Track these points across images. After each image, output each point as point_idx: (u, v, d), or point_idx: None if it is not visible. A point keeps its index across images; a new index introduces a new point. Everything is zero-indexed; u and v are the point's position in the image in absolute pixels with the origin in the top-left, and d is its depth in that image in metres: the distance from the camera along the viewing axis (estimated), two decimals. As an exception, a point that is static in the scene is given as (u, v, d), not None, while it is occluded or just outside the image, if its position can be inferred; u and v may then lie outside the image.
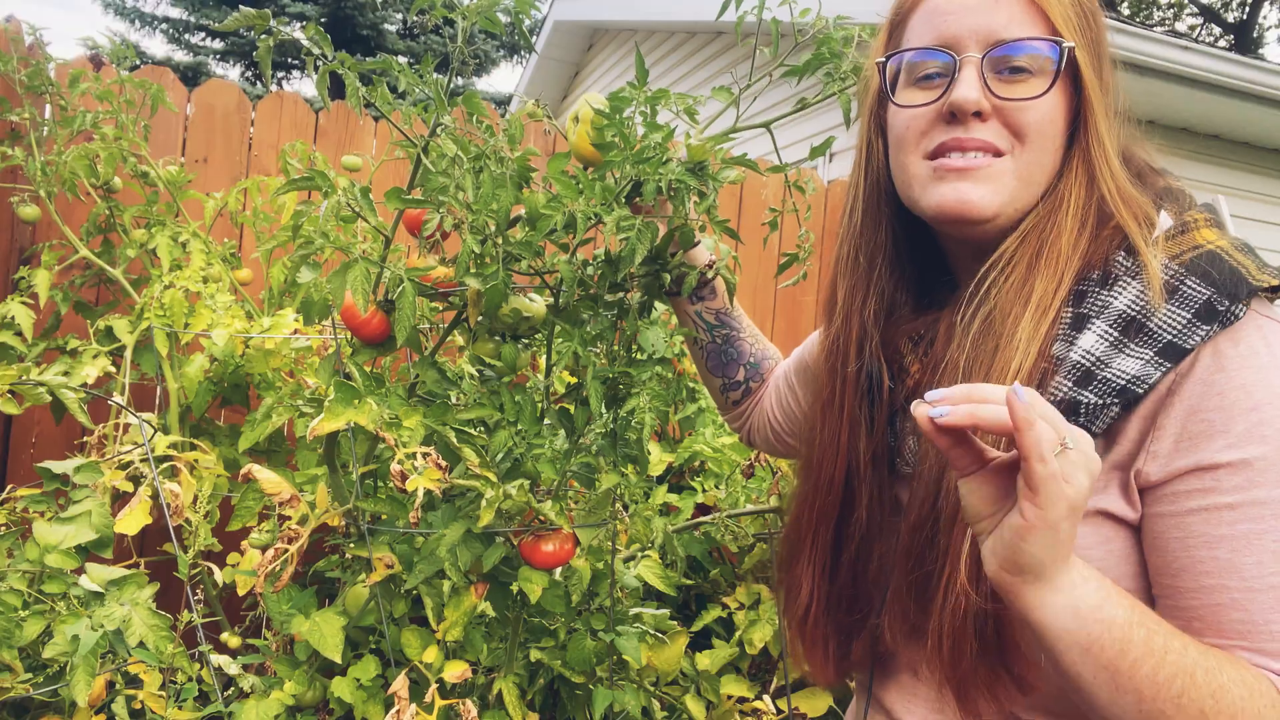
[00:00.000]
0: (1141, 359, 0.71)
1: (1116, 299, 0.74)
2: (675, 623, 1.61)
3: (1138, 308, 0.73)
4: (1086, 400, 0.72)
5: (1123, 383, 0.71)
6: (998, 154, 0.79)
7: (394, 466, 0.95)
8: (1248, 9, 14.87)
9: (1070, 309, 0.76)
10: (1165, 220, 0.78)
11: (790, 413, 1.13)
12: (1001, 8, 0.78)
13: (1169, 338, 0.71)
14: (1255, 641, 0.67)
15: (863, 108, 0.91)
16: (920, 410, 0.62)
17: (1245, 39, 14.79)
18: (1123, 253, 0.76)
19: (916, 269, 0.90)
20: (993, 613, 0.75)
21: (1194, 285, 0.71)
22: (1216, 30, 15.33)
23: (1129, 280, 0.74)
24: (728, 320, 1.17)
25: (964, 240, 0.85)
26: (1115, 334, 0.73)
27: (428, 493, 0.99)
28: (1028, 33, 0.77)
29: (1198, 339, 0.70)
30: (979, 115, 0.79)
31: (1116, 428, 0.73)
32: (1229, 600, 0.68)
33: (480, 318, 0.97)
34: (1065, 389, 0.73)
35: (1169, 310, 0.71)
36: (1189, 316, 0.71)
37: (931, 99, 0.81)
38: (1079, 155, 0.80)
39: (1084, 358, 0.73)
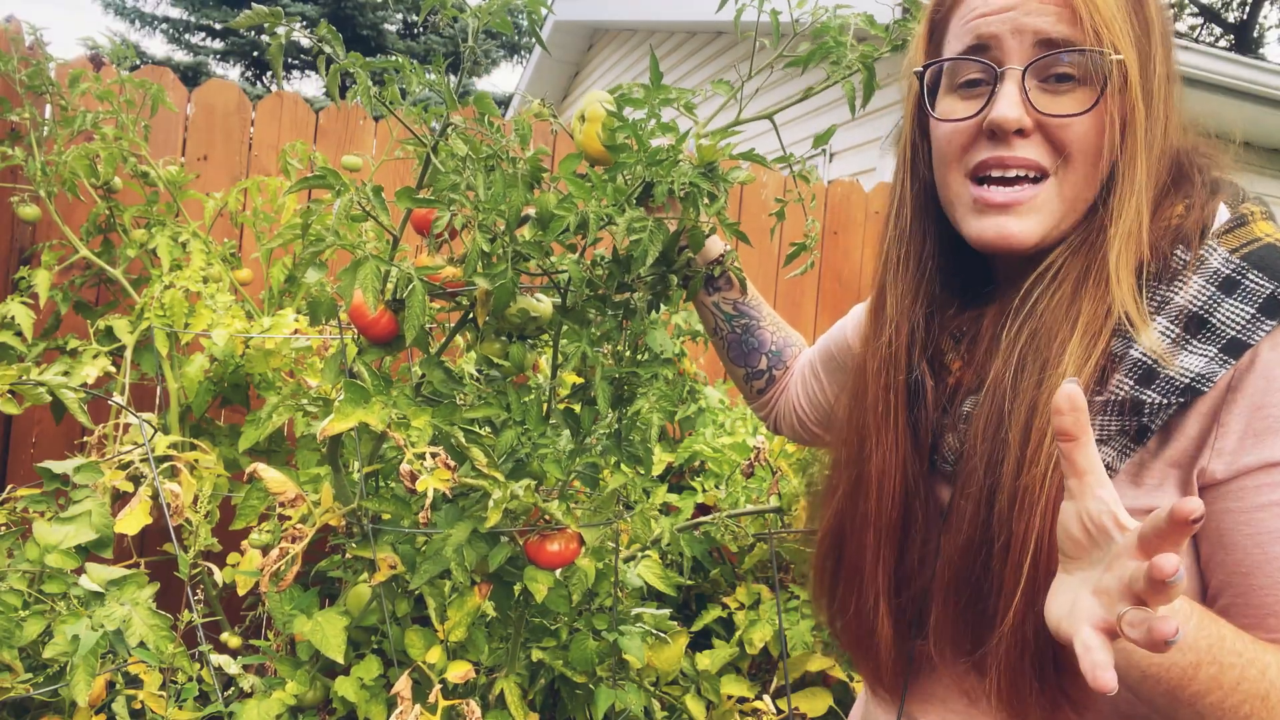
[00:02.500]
0: (1206, 356, 0.69)
1: (1177, 294, 0.72)
2: (675, 623, 1.61)
3: (1200, 303, 0.71)
4: (1150, 399, 0.70)
5: (1187, 380, 0.69)
6: (1041, 173, 0.77)
7: (403, 467, 0.94)
8: (1248, 9, 14.87)
9: None
10: (1223, 212, 0.76)
11: (816, 402, 1.12)
12: (1046, 8, 0.74)
13: (1233, 334, 0.69)
14: None
15: (905, 109, 0.89)
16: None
17: (1245, 39, 14.79)
18: (1181, 247, 0.74)
19: (963, 268, 0.88)
20: (1052, 644, 0.73)
21: (1257, 279, 0.69)
22: (1216, 30, 15.32)
23: (1189, 275, 0.72)
24: (746, 310, 1.16)
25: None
26: (1177, 330, 0.71)
27: (423, 491, 0.98)
28: (1071, 36, 0.74)
29: (1262, 334, 0.68)
30: (1021, 132, 0.76)
31: (1173, 423, 0.71)
32: None
33: (487, 318, 0.97)
34: (1127, 387, 0.71)
35: (1231, 305, 0.70)
36: (1253, 311, 0.69)
37: (972, 112, 0.78)
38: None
39: (1145, 355, 0.71)
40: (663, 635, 1.56)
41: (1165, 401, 0.70)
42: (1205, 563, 0.73)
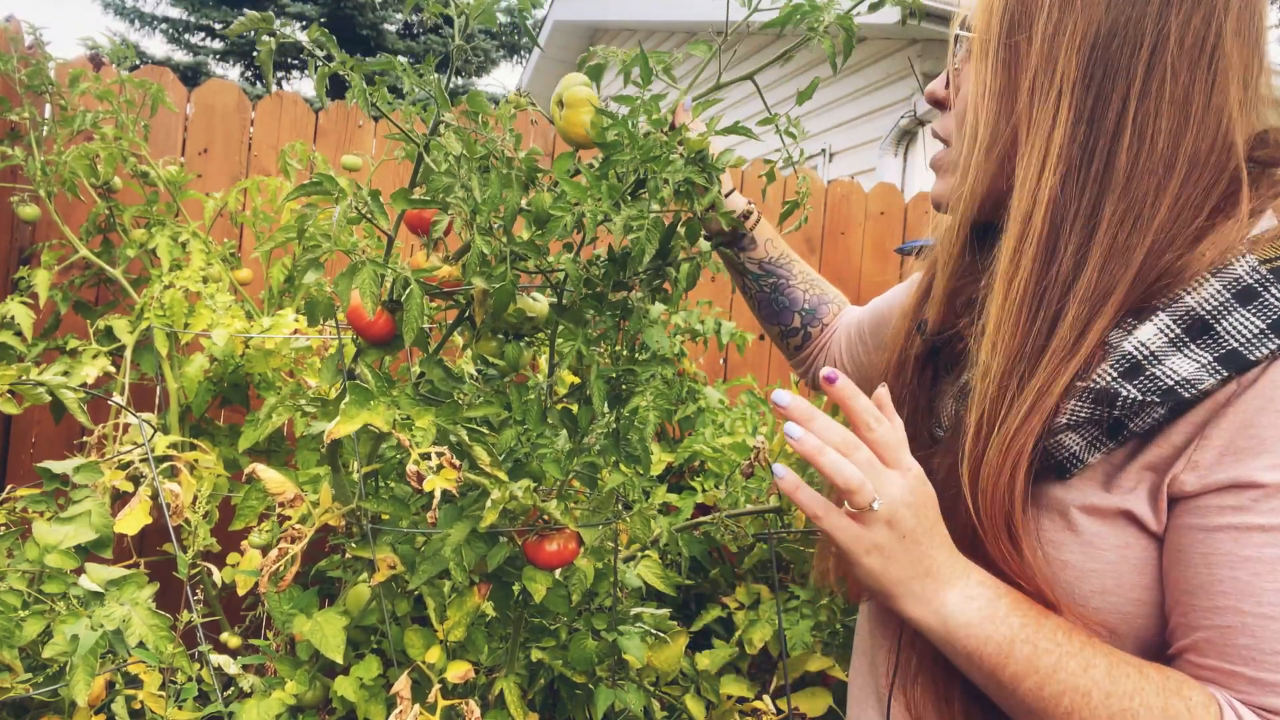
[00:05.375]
0: (1198, 362, 0.66)
1: (1188, 295, 0.68)
2: (675, 623, 1.61)
3: (1209, 307, 0.67)
4: (1126, 393, 0.67)
5: (1171, 383, 0.66)
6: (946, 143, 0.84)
7: (409, 467, 0.94)
8: (1247, 9, 14.85)
9: None
10: (1269, 219, 0.71)
11: (859, 362, 1.11)
12: None
13: (1234, 345, 0.66)
14: (1258, 670, 0.64)
15: None
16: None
17: (1245, 39, 14.77)
18: (1211, 248, 0.70)
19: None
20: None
21: (1276, 293, 0.66)
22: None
23: (1207, 277, 0.68)
24: (773, 269, 1.16)
25: None
26: (1177, 331, 0.68)
27: (432, 492, 0.98)
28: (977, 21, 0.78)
29: (1266, 351, 0.65)
30: (942, 105, 0.84)
31: (1159, 429, 0.69)
32: (1240, 624, 0.65)
33: (485, 317, 0.97)
34: (1108, 378, 0.69)
35: (1242, 316, 0.66)
36: (1263, 326, 0.65)
37: None
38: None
39: (1137, 349, 0.68)
40: (662, 635, 1.56)
41: (1141, 399, 0.67)
42: (1164, 576, 0.70)
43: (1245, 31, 0.71)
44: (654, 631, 1.53)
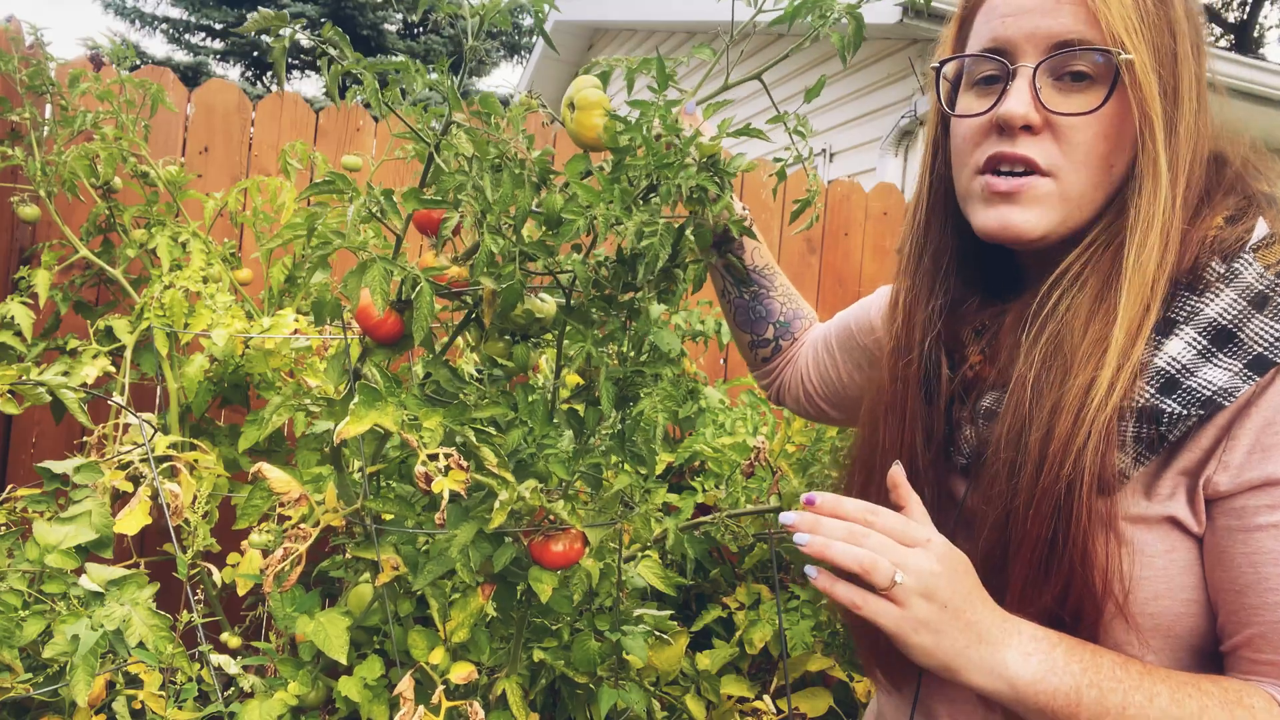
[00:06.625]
0: (1230, 370, 0.69)
1: (1208, 306, 0.71)
2: (675, 623, 1.61)
3: (1229, 316, 0.70)
4: (1169, 409, 0.70)
5: (1209, 394, 0.69)
6: (1040, 173, 0.76)
7: (418, 469, 0.94)
8: (1248, 9, 14.87)
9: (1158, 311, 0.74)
10: (1261, 227, 0.74)
11: (827, 377, 1.11)
12: (1062, 9, 0.74)
13: (1260, 350, 0.69)
14: None
15: (931, 104, 0.89)
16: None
17: (1245, 39, 14.79)
18: (1217, 259, 0.73)
19: (984, 265, 0.88)
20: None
21: None
22: (1217, 30, 15.32)
23: (1221, 287, 0.72)
24: (757, 278, 1.16)
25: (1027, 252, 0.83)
26: (1204, 342, 0.71)
27: (436, 493, 0.98)
28: (1086, 37, 0.73)
29: None
30: (1029, 129, 0.76)
31: (1188, 433, 0.71)
32: None
33: (493, 317, 0.97)
34: (1147, 395, 0.71)
35: (1262, 321, 0.69)
36: None
37: (985, 107, 0.78)
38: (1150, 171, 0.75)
39: (1169, 364, 0.71)
40: (663, 635, 1.55)
41: (1184, 412, 0.69)
42: (1207, 576, 0.72)
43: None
44: (655, 632, 1.53)
